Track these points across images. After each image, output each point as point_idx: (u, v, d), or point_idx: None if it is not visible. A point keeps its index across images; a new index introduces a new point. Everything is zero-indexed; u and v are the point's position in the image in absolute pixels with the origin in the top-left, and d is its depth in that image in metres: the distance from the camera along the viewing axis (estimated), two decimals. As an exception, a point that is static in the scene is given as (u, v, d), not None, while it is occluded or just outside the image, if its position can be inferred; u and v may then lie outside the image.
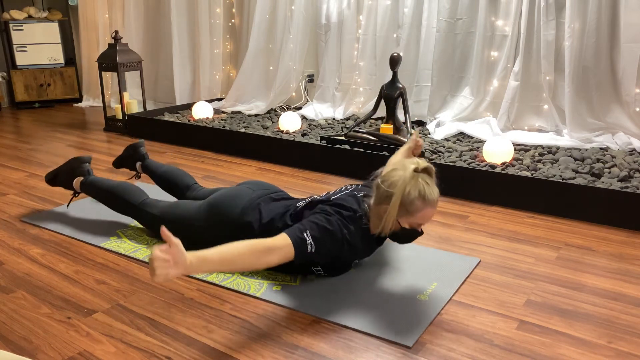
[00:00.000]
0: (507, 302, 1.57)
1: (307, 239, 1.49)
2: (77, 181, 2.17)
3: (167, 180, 2.26)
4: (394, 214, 1.52)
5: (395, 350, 1.35)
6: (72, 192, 2.23)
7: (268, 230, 1.69)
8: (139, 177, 2.48)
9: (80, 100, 5.12)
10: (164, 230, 1.22)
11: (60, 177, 2.21)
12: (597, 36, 2.90)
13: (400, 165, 1.56)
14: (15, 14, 4.70)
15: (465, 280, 1.70)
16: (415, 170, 1.52)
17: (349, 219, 1.58)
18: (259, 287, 1.64)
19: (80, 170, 2.18)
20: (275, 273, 1.73)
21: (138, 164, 2.41)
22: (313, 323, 1.46)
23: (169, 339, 1.39)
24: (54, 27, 4.85)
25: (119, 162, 2.50)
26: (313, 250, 1.49)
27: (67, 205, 2.18)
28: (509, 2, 3.14)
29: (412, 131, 2.24)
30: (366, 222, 1.62)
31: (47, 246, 1.95)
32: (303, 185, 2.64)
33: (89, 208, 2.29)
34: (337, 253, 1.58)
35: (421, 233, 1.61)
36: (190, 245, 1.87)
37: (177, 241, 1.23)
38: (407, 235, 1.60)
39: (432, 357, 1.32)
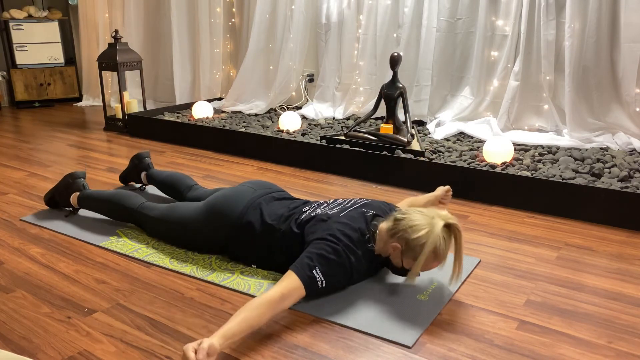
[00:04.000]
0: (507, 302, 1.57)
1: (317, 276, 1.48)
2: (74, 197, 2.18)
3: (168, 184, 2.29)
4: (419, 265, 1.51)
5: (395, 350, 1.35)
6: (70, 211, 2.23)
7: (270, 231, 1.69)
8: (144, 189, 2.51)
9: (80, 99, 5.11)
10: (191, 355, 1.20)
11: (57, 196, 2.22)
12: (597, 36, 2.90)
13: (429, 213, 1.53)
14: (15, 13, 4.69)
15: (465, 280, 1.70)
16: (446, 226, 1.49)
17: (356, 242, 1.56)
18: (259, 287, 1.64)
19: (75, 185, 2.19)
20: (275, 273, 1.73)
21: (143, 174, 2.44)
22: (313, 323, 1.46)
23: (169, 338, 1.39)
24: (54, 26, 4.85)
25: (125, 176, 2.54)
26: (324, 285, 1.50)
27: (66, 216, 2.19)
28: (509, 2, 3.14)
29: (446, 187, 2.11)
30: (372, 245, 1.60)
31: (47, 246, 1.94)
32: (303, 185, 2.64)
33: (89, 207, 2.29)
34: (345, 282, 1.59)
35: (417, 274, 1.61)
36: (189, 246, 1.89)
37: (206, 346, 1.20)
38: (404, 272, 1.60)
39: (432, 357, 1.32)
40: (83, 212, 2.23)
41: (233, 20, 4.41)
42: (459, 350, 1.34)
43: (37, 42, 4.79)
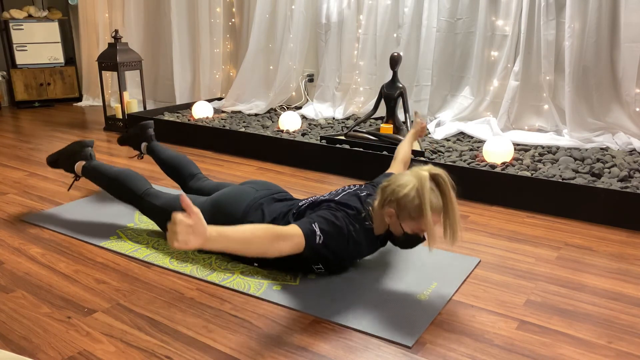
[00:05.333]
0: (507, 302, 1.57)
1: (316, 230, 1.50)
2: (78, 165, 2.15)
3: (171, 166, 2.24)
4: (428, 218, 1.47)
5: (395, 350, 1.35)
6: (72, 175, 2.21)
7: None
8: (142, 157, 2.46)
9: (80, 99, 5.11)
10: (184, 199, 1.20)
11: (61, 160, 2.19)
12: (597, 36, 2.90)
13: (410, 171, 1.55)
14: (15, 13, 4.69)
15: (465, 280, 1.70)
16: (432, 177, 1.50)
17: (353, 217, 1.59)
18: (259, 287, 1.64)
19: (82, 154, 2.16)
20: (276, 273, 1.73)
21: (143, 145, 2.39)
22: (313, 323, 1.46)
23: (169, 338, 1.39)
24: (54, 26, 4.85)
25: (124, 139, 2.48)
26: (321, 241, 1.50)
27: (69, 189, 2.17)
28: (509, 2, 3.14)
29: (415, 116, 2.23)
30: (369, 223, 1.62)
31: (47, 246, 1.94)
32: (303, 185, 2.64)
33: (89, 208, 2.29)
34: (342, 248, 1.58)
35: (423, 239, 1.61)
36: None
37: (197, 210, 1.21)
38: (409, 241, 1.60)
39: (432, 357, 1.32)
40: (84, 212, 2.23)
41: (233, 20, 4.41)
42: (459, 350, 1.34)
43: (37, 42, 4.79)
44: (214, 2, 4.27)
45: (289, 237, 1.43)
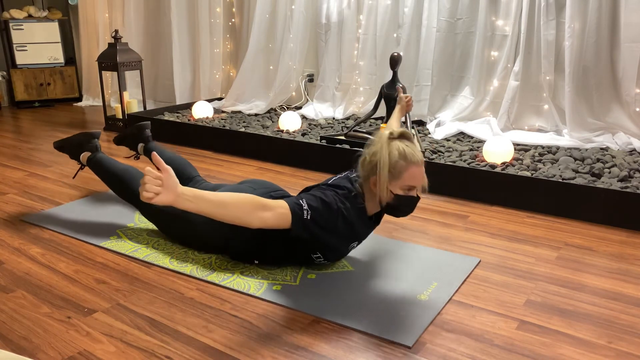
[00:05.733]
0: (507, 302, 1.57)
1: (304, 204, 1.51)
2: (84, 156, 2.19)
3: None
4: (385, 175, 1.53)
5: (395, 350, 1.35)
6: (77, 163, 2.27)
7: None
8: (138, 158, 2.47)
9: (80, 99, 5.12)
10: (155, 156, 1.27)
11: (67, 148, 2.25)
12: (597, 36, 2.90)
13: (378, 138, 1.62)
14: (15, 13, 4.69)
15: (465, 280, 1.70)
16: (391, 136, 1.56)
17: (343, 196, 1.61)
18: (259, 287, 1.64)
19: (88, 145, 2.20)
20: (275, 273, 1.73)
21: (140, 145, 2.40)
22: (313, 323, 1.46)
23: (169, 338, 1.39)
24: (54, 26, 4.85)
25: (121, 139, 2.49)
26: (309, 217, 1.50)
27: (74, 177, 2.21)
28: (509, 2, 3.14)
29: (398, 91, 2.32)
30: (361, 201, 1.64)
31: (47, 245, 1.94)
32: (303, 185, 2.64)
33: (89, 208, 2.29)
34: (333, 226, 1.58)
35: (418, 198, 1.62)
36: (188, 242, 1.89)
37: (169, 168, 1.27)
38: (404, 203, 1.60)
39: (432, 357, 1.32)
40: (84, 212, 2.24)
41: (233, 20, 4.41)
42: (459, 350, 1.34)
43: (37, 42, 4.79)
44: (214, 2, 4.27)
45: (272, 208, 1.44)
